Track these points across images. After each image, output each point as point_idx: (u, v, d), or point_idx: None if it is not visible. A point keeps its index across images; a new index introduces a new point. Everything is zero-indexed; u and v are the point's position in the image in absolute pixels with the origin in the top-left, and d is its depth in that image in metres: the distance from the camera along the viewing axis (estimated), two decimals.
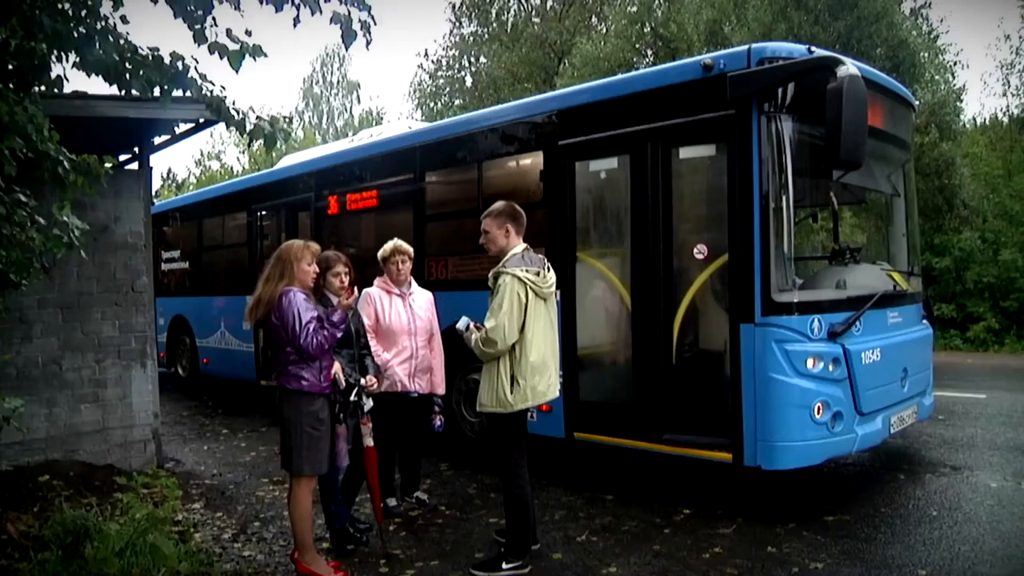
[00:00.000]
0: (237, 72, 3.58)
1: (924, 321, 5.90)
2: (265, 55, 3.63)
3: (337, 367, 3.98)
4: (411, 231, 6.80)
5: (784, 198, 4.57)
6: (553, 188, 5.71)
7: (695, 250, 4.90)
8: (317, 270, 3.95)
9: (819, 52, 4.64)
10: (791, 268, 4.71)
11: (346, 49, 3.77)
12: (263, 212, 9.52)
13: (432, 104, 25.13)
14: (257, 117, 3.89)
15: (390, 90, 68.05)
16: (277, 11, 3.61)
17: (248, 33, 3.61)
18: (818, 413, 4.46)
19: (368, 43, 3.76)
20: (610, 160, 5.44)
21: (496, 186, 6.29)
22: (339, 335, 3.82)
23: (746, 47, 4.69)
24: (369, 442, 4.24)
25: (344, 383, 4.04)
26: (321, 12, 3.67)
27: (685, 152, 5.03)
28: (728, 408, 4.65)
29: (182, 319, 11.17)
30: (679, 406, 4.93)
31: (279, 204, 9.06)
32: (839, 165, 4.42)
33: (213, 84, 3.74)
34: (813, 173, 5.04)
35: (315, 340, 3.69)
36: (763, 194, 4.54)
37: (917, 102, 8.76)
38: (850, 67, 4.32)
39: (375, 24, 3.71)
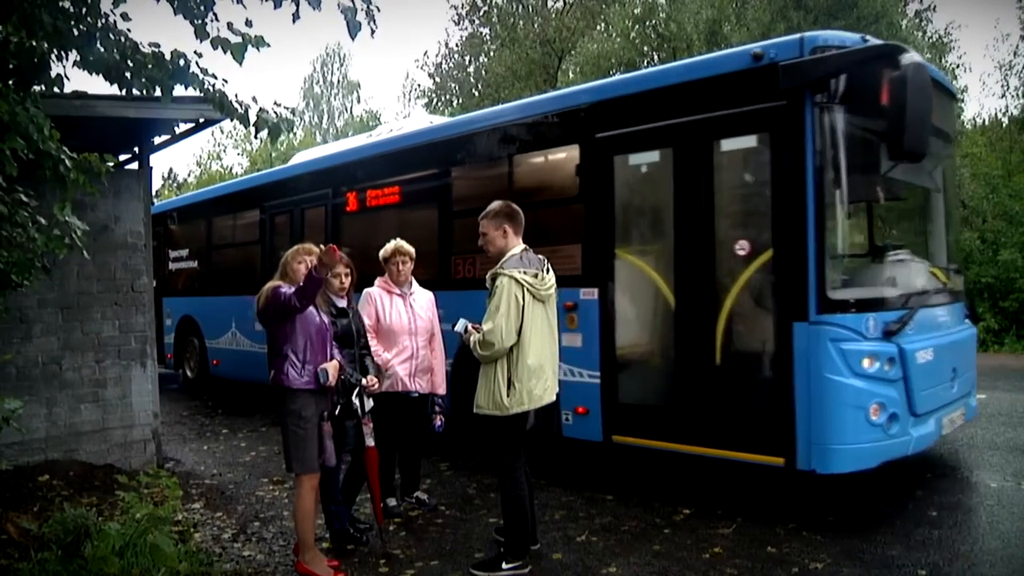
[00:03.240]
0: (241, 64, 3.57)
1: (966, 320, 5.75)
2: (268, 45, 3.62)
3: (334, 366, 3.97)
4: (436, 228, 6.65)
5: (838, 191, 4.45)
6: (590, 183, 5.51)
7: (738, 246, 4.73)
8: (309, 265, 3.96)
9: (875, 41, 4.52)
10: (845, 265, 4.56)
11: (352, 40, 3.76)
12: (276, 210, 9.19)
13: (435, 103, 25.14)
14: (260, 109, 3.88)
15: (390, 90, 68.11)
16: (276, 7, 3.61)
17: (248, 24, 3.60)
18: (874, 415, 4.32)
19: (373, 31, 3.75)
20: (651, 153, 5.27)
21: (528, 180, 6.14)
22: (308, 293, 3.77)
23: (798, 36, 4.54)
24: (370, 442, 4.24)
25: (340, 382, 4.04)
26: (320, 8, 3.67)
27: (731, 144, 4.86)
28: (779, 410, 4.49)
29: (191, 319, 10.94)
30: (726, 408, 4.75)
31: (293, 201, 8.78)
32: (902, 156, 4.28)
33: (215, 78, 3.74)
34: (864, 166, 4.80)
35: (295, 290, 3.79)
36: (818, 187, 4.39)
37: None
38: (914, 55, 4.20)
39: (379, 11, 3.71)
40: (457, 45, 24.97)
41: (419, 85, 26.13)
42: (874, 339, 4.43)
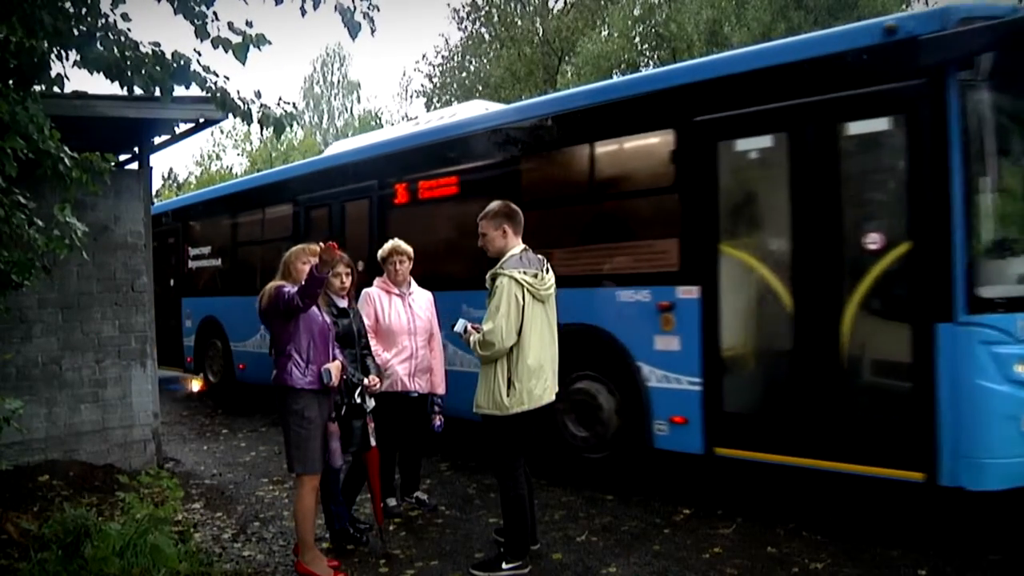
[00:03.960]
0: (244, 64, 3.58)
1: None
2: (270, 42, 3.63)
3: (337, 366, 3.98)
4: None
5: (988, 178, 4.06)
6: (688, 171, 5.02)
7: (867, 239, 4.29)
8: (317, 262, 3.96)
9: None
10: (995, 260, 4.15)
11: (352, 40, 3.77)
12: (311, 203, 8.49)
13: (435, 103, 25.15)
14: (262, 105, 3.88)
15: (391, 90, 68.13)
16: (277, 3, 3.61)
17: (249, 24, 3.61)
18: None
19: (373, 31, 3.76)
20: (762, 138, 4.79)
21: (612, 169, 5.69)
22: (310, 292, 3.76)
23: (939, 7, 4.13)
24: (372, 442, 4.25)
25: (342, 382, 4.04)
26: (324, 2, 3.67)
27: (858, 127, 4.40)
28: (918, 420, 4.07)
29: (213, 321, 10.22)
30: (854, 418, 4.31)
31: (331, 194, 8.09)
32: None
33: (217, 76, 3.74)
34: (1016, 150, 4.42)
35: (297, 289, 3.79)
36: (965, 174, 3.99)
37: None
38: None
39: (378, 11, 3.71)
40: (457, 46, 24.96)
41: (420, 85, 26.10)
42: None
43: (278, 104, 3.96)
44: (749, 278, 4.81)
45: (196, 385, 12.03)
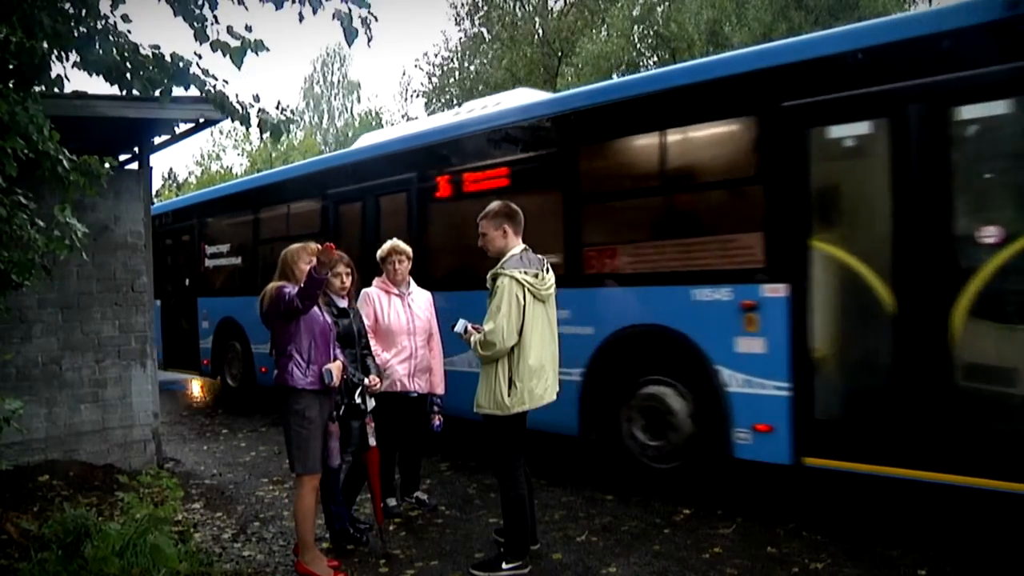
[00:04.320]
0: (239, 68, 3.59)
1: None
2: (267, 49, 3.64)
3: (338, 366, 3.98)
4: (560, 215, 5.79)
5: None
6: (774, 160, 4.68)
7: (982, 232, 3.98)
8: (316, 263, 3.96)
9: None
10: None
11: (348, 46, 3.77)
12: (341, 198, 7.99)
13: (435, 103, 25.18)
14: (260, 110, 3.89)
15: (391, 89, 68.16)
16: (278, 8, 3.62)
17: (248, 29, 3.61)
18: None
19: (369, 39, 3.76)
20: (859, 124, 4.46)
21: (686, 157, 5.28)
22: (310, 294, 3.76)
23: None
24: (372, 442, 4.25)
25: (343, 382, 4.05)
26: (323, 8, 3.68)
27: (971, 111, 4.09)
28: None
29: (232, 322, 9.79)
30: (972, 427, 3.99)
31: (364, 188, 7.63)
32: None
33: (216, 79, 3.75)
34: None
35: (297, 291, 3.78)
36: None
37: None
38: None
39: (376, 20, 3.72)
40: (457, 45, 24.98)
41: (420, 83, 26.13)
42: None
43: (276, 109, 3.97)
44: (845, 276, 4.46)
45: (196, 386, 12.02)
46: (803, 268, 4.55)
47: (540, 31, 23.05)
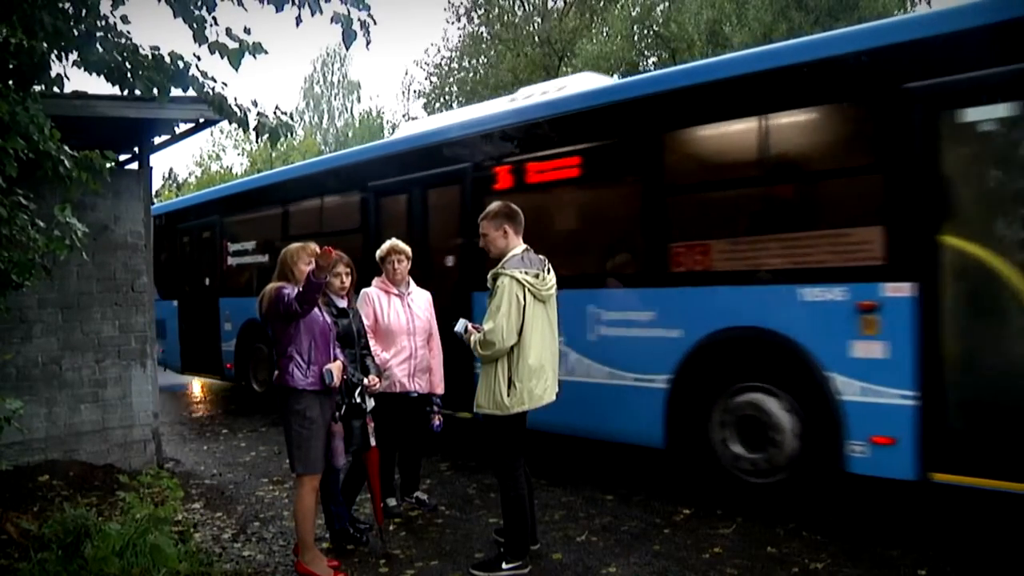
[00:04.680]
0: (236, 70, 3.60)
1: None
2: (265, 52, 3.65)
3: (338, 367, 3.98)
4: (640, 207, 5.32)
5: None
6: (895, 146, 4.26)
7: None
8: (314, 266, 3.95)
9: None
10: None
11: (347, 49, 3.78)
12: (385, 190, 7.41)
13: (436, 103, 25.18)
14: (259, 113, 3.90)
15: (391, 90, 68.20)
16: (278, 11, 3.62)
17: (247, 31, 3.62)
18: None
19: (368, 43, 3.77)
20: (999, 107, 4.00)
21: (788, 145, 4.82)
22: (308, 298, 3.75)
23: None
24: (373, 442, 4.25)
25: (343, 382, 4.05)
26: (322, 12, 3.68)
27: None
28: None
29: (259, 324, 8.70)
30: None
31: (411, 180, 7.08)
32: None
33: (215, 81, 3.75)
34: None
35: (297, 294, 3.77)
36: None
37: None
38: None
39: (375, 24, 3.72)
40: (458, 44, 24.98)
41: (418, 82, 26.13)
42: None
43: (275, 113, 3.98)
44: (980, 273, 4.04)
45: (197, 386, 12.00)
46: (933, 265, 4.12)
47: (540, 31, 23.04)
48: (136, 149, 6.82)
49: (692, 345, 4.96)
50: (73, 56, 3.54)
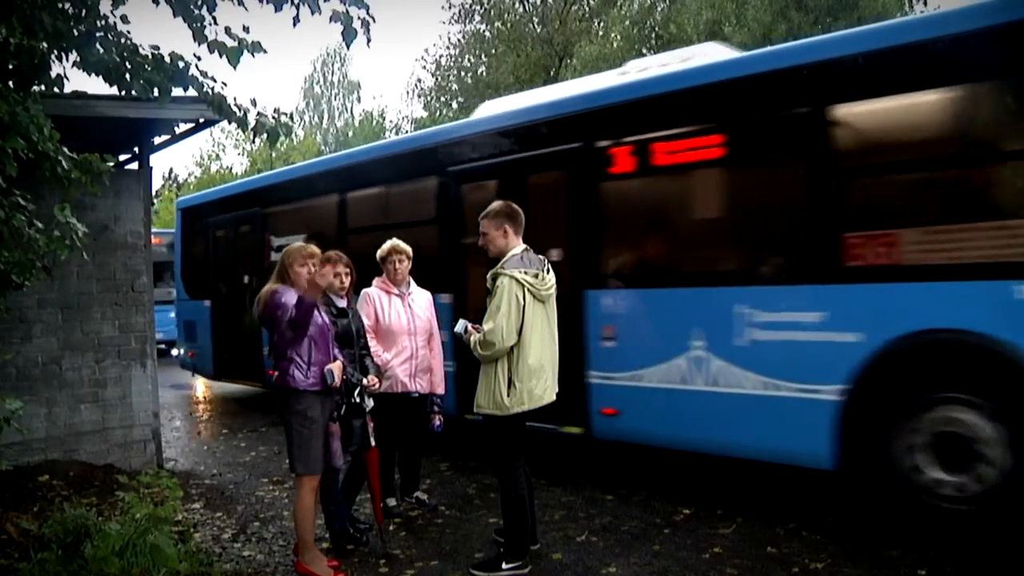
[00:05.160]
0: (235, 68, 3.60)
1: None
2: (264, 51, 3.66)
3: (339, 366, 3.98)
4: (807, 192, 4.58)
5: None
6: None
7: None
8: (312, 270, 3.95)
9: None
10: None
11: (347, 47, 3.78)
12: (469, 176, 6.51)
13: (435, 103, 25.18)
14: (258, 113, 3.91)
15: (391, 90, 68.24)
16: (277, 10, 3.63)
17: (246, 30, 3.63)
18: None
19: (368, 41, 3.77)
20: None
21: (1008, 112, 4.05)
22: (300, 322, 3.77)
23: None
24: (372, 442, 4.25)
25: (342, 382, 4.05)
26: (320, 12, 3.69)
27: None
28: None
29: None
30: None
31: (502, 163, 6.19)
32: None
33: (215, 81, 3.76)
34: None
35: (289, 318, 3.78)
36: None
37: None
38: None
39: (374, 22, 3.72)
40: (459, 42, 24.97)
41: (420, 81, 26.09)
42: None
43: (274, 114, 3.98)
44: None
45: (201, 387, 11.99)
46: None
47: (541, 31, 23.04)
48: (136, 149, 6.82)
49: (875, 351, 4.23)
50: (73, 56, 3.55)
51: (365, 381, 4.25)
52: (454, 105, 24.34)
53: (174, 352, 12.53)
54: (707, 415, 4.04)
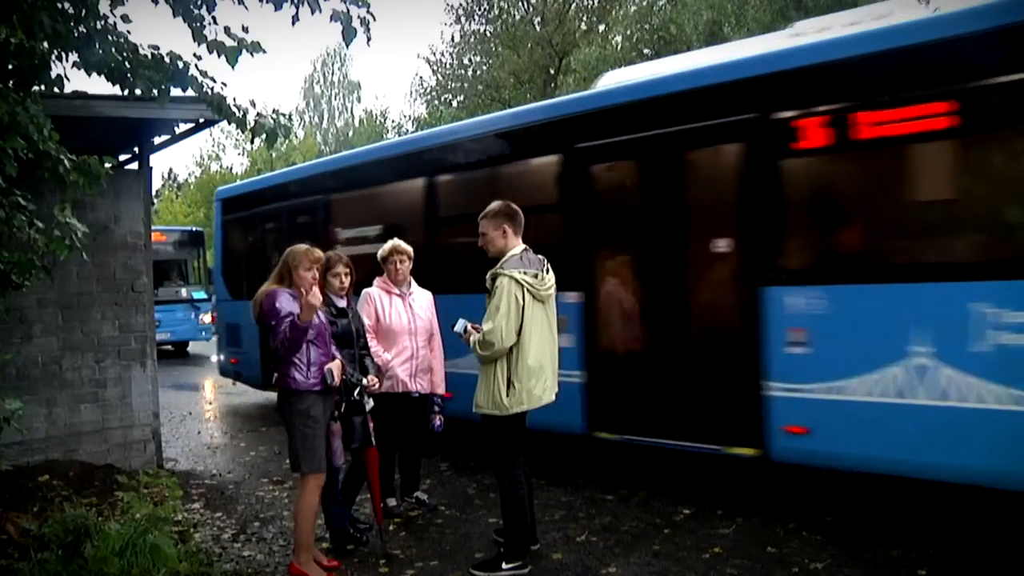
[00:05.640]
0: (233, 68, 3.61)
1: None
2: (264, 51, 3.66)
3: (338, 366, 3.98)
4: None
5: None
6: None
7: None
8: (316, 275, 3.95)
9: None
10: None
11: (347, 46, 3.78)
12: (602, 155, 5.48)
13: (435, 103, 25.17)
14: (258, 114, 3.91)
15: (391, 90, 68.23)
16: (276, 9, 3.63)
17: (245, 30, 3.63)
18: None
19: (368, 40, 3.77)
20: None
21: None
22: (293, 340, 3.78)
23: None
24: (372, 441, 4.25)
25: (342, 381, 4.05)
26: (320, 11, 3.69)
27: None
28: None
29: None
30: None
31: (649, 139, 5.20)
32: None
33: (214, 81, 3.76)
34: None
35: (283, 338, 3.76)
36: None
37: None
38: None
39: (374, 20, 3.72)
40: (460, 40, 24.95)
41: (423, 79, 26.08)
42: None
43: (273, 114, 3.98)
44: None
45: (208, 387, 11.99)
46: None
47: (542, 31, 23.03)
48: (136, 149, 6.82)
49: None
50: (73, 56, 3.55)
51: (365, 381, 4.25)
52: (454, 104, 24.32)
53: (213, 358, 11.96)
54: (932, 434, 3.42)
